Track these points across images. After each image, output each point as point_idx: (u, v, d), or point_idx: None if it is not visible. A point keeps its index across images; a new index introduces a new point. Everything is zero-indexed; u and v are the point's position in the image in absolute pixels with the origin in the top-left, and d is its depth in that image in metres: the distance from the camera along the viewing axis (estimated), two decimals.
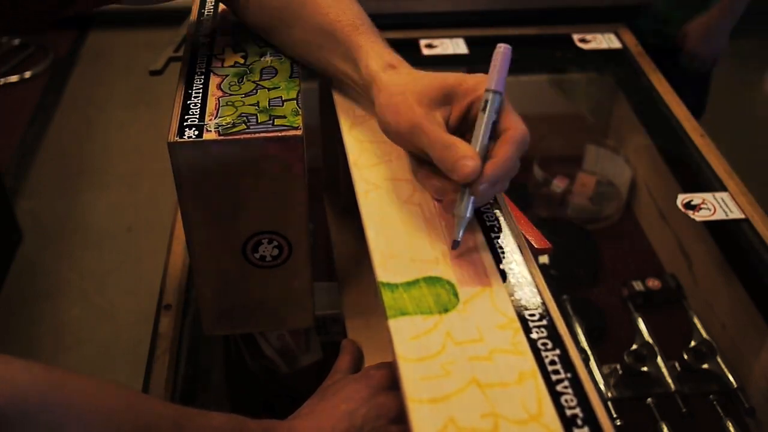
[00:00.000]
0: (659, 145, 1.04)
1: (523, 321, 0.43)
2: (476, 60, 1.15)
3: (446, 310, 0.43)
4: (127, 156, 2.14)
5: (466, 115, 0.52)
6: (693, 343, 0.84)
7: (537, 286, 0.45)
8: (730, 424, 0.76)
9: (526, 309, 0.44)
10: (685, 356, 0.81)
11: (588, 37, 1.17)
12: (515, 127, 0.49)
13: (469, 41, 1.14)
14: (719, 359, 0.81)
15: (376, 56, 0.56)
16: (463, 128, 0.52)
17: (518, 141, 0.49)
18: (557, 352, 0.41)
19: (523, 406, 0.38)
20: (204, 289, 0.65)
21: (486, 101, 0.50)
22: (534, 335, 0.42)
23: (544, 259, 0.96)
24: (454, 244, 0.48)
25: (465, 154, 0.47)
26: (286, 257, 0.63)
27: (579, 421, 0.38)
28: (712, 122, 1.23)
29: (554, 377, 0.40)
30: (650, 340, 0.84)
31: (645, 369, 0.80)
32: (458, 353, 0.41)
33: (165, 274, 0.77)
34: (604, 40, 1.17)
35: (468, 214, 0.47)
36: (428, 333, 0.42)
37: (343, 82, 0.61)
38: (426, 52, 1.12)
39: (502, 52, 0.51)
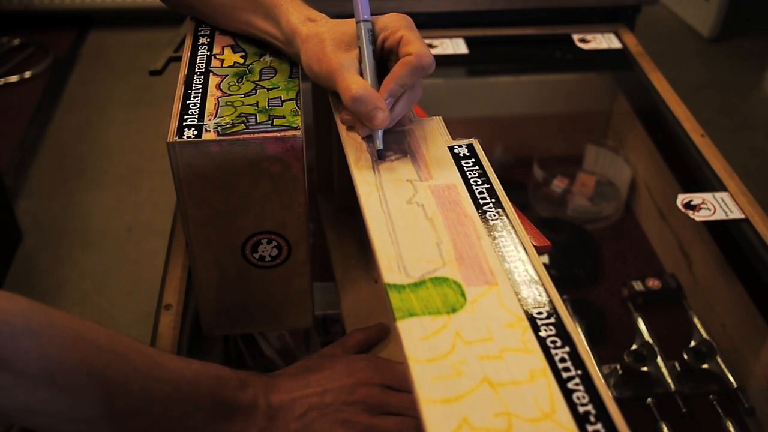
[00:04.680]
0: (659, 145, 1.04)
1: (531, 319, 0.43)
2: (476, 60, 1.15)
3: (454, 310, 0.43)
4: (127, 156, 2.13)
5: (381, 50, 0.58)
6: (693, 343, 0.84)
7: (543, 284, 0.45)
8: (730, 424, 0.76)
9: (534, 307, 0.44)
10: (685, 356, 0.81)
11: (588, 37, 1.17)
12: (416, 52, 0.54)
13: (469, 41, 1.14)
14: (719, 359, 0.81)
15: (295, 11, 0.60)
16: (384, 57, 0.58)
17: (412, 64, 0.54)
18: (567, 349, 0.41)
19: (536, 404, 0.38)
20: (204, 289, 0.65)
21: (359, 33, 0.56)
22: (543, 333, 0.42)
23: (544, 258, 0.96)
24: (379, 154, 0.54)
25: (375, 106, 0.53)
26: (286, 257, 0.63)
27: (592, 418, 0.38)
28: (712, 122, 1.23)
29: (565, 375, 0.40)
30: (650, 340, 0.84)
31: (645, 369, 0.80)
32: (469, 353, 0.41)
33: (165, 274, 0.77)
34: (604, 40, 1.17)
35: (380, 146, 0.54)
36: (437, 333, 0.42)
37: (266, 41, 0.65)
38: None
39: None
